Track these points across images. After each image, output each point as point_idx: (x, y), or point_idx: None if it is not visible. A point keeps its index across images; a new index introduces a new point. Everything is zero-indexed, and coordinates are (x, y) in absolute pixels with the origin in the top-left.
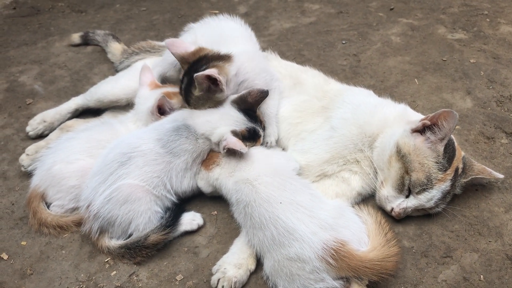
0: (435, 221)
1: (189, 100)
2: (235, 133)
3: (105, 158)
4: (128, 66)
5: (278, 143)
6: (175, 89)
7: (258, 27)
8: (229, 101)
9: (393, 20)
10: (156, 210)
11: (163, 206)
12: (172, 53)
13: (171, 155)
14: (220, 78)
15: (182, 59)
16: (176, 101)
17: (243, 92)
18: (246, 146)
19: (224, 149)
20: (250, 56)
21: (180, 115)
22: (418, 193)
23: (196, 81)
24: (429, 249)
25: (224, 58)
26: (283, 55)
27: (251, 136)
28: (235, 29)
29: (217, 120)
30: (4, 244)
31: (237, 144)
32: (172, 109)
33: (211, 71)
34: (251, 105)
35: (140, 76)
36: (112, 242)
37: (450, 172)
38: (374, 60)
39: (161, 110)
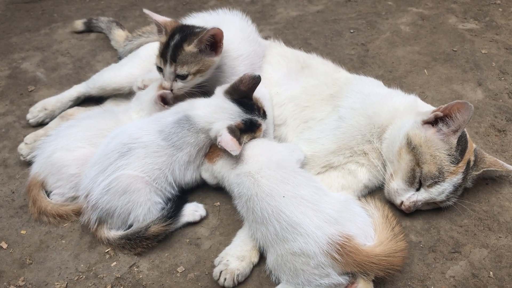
0: (443, 215)
1: (176, 56)
2: (231, 129)
3: (105, 147)
4: (131, 49)
5: (283, 123)
6: None
7: (264, 15)
8: (222, 92)
9: (402, 9)
10: (156, 201)
11: (164, 197)
12: (154, 19)
13: (173, 148)
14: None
15: (165, 25)
16: None
17: (234, 80)
18: (244, 139)
19: (219, 145)
20: (234, 54)
21: (181, 107)
22: (430, 186)
23: (200, 35)
24: (437, 244)
25: None
26: (290, 44)
27: (249, 128)
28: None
29: (212, 113)
30: (3, 232)
31: (229, 144)
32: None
33: (216, 29)
34: (244, 93)
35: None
36: (112, 233)
37: (462, 164)
38: (383, 50)
39: (164, 100)
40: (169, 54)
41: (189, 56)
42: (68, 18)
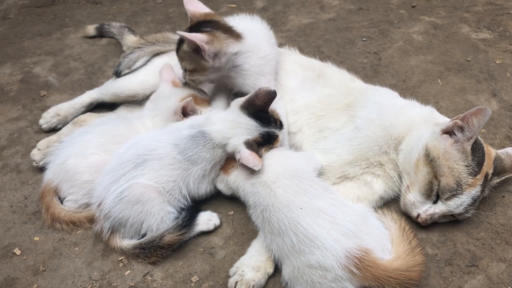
0: (459, 228)
1: (178, 50)
2: (248, 144)
3: (120, 157)
4: (140, 56)
5: (298, 131)
6: (201, 96)
7: (275, 22)
8: (237, 107)
9: (415, 18)
10: (169, 211)
11: (177, 207)
12: (186, 8)
13: (188, 162)
14: (206, 48)
15: (193, 16)
16: (199, 107)
17: (249, 94)
18: (262, 151)
19: (239, 162)
20: (262, 54)
21: (196, 122)
22: (447, 199)
23: (187, 38)
24: (454, 257)
25: (233, 33)
26: (302, 51)
27: (266, 141)
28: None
29: (228, 129)
30: (17, 239)
31: (249, 160)
32: (193, 114)
33: (198, 38)
34: (260, 107)
35: (162, 73)
36: (125, 242)
37: (480, 177)
38: (396, 59)
39: (184, 112)
40: (176, 47)
41: (185, 54)
42: (79, 23)
